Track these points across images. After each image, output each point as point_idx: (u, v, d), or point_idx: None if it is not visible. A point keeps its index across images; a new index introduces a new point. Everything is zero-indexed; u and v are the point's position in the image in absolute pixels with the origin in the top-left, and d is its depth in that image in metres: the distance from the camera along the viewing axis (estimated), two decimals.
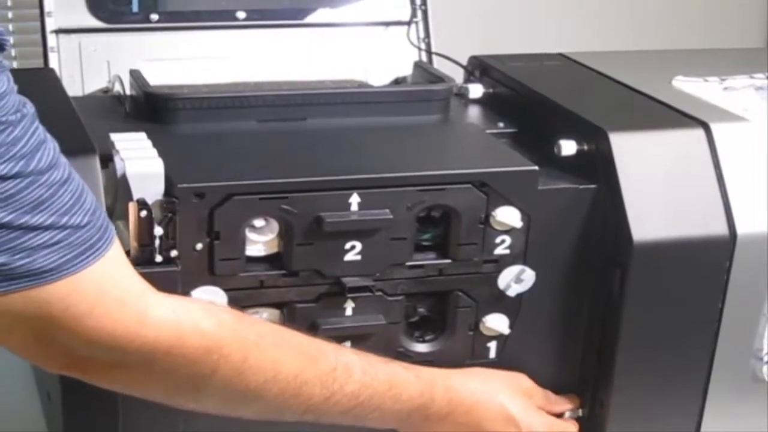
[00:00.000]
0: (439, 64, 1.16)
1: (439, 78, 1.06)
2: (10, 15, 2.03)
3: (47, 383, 0.87)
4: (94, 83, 1.08)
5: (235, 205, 0.79)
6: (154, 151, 0.80)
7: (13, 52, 1.94)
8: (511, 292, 0.87)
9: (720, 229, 0.87)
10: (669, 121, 0.91)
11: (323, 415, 0.78)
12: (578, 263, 0.88)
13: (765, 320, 0.91)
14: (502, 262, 0.87)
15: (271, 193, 0.80)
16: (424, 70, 1.13)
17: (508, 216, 0.84)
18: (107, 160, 0.81)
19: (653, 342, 0.88)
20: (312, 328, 0.84)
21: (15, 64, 1.83)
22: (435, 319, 0.88)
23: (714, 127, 0.89)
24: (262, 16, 1.13)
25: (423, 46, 1.17)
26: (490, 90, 1.05)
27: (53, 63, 1.07)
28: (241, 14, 1.12)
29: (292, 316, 0.84)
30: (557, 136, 0.88)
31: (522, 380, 0.90)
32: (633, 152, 0.87)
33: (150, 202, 0.77)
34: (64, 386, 0.78)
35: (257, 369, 0.74)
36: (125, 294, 0.69)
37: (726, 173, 0.88)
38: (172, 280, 0.79)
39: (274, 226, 0.81)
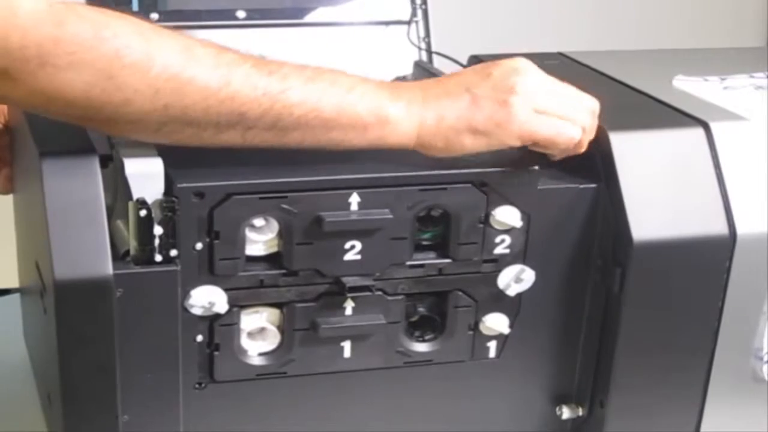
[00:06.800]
0: (440, 64, 1.16)
1: None
2: None
3: (48, 385, 0.87)
4: None
5: (234, 205, 0.79)
6: (154, 151, 0.80)
7: None
8: (511, 292, 0.88)
9: (720, 228, 0.87)
10: (669, 120, 0.91)
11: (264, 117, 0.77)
12: (578, 263, 0.88)
13: (765, 320, 0.91)
14: (502, 262, 0.87)
15: (271, 192, 0.80)
16: (424, 70, 1.13)
17: (508, 216, 0.84)
18: (107, 160, 0.81)
19: (653, 342, 0.88)
20: (312, 327, 0.84)
21: None
22: (435, 318, 0.88)
23: (714, 126, 0.89)
24: (262, 16, 1.13)
25: (423, 45, 1.17)
26: None
27: None
28: (241, 13, 1.12)
29: (292, 316, 0.84)
30: None
31: None
32: (633, 152, 0.87)
33: (150, 201, 0.77)
34: (64, 387, 0.78)
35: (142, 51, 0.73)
36: None
37: (726, 173, 0.88)
38: (172, 280, 0.79)
39: (274, 225, 0.81)
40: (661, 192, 0.86)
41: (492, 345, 0.90)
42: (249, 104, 0.76)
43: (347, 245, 0.82)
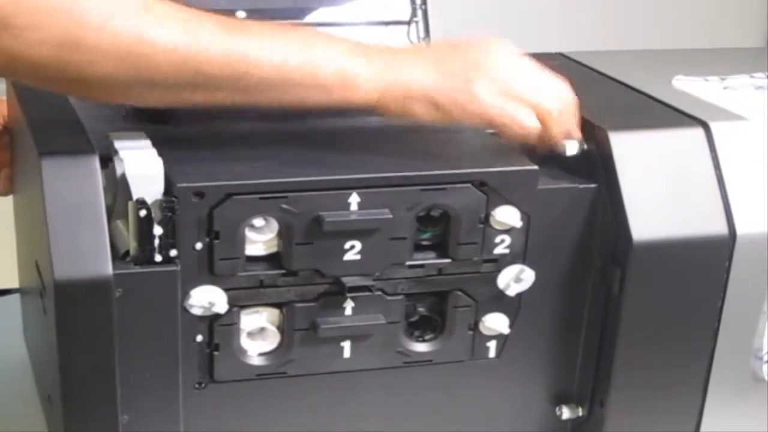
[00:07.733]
0: None
1: None
2: None
3: (48, 385, 0.87)
4: None
5: (234, 205, 0.79)
6: (154, 151, 0.80)
7: None
8: (511, 292, 0.88)
9: (720, 228, 0.87)
10: (669, 120, 0.91)
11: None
12: (578, 263, 0.89)
13: (765, 320, 0.91)
14: (502, 262, 0.87)
15: (271, 192, 0.80)
16: None
17: (508, 215, 0.84)
18: (107, 160, 0.81)
19: (653, 342, 0.89)
20: (312, 327, 0.84)
21: None
22: (435, 318, 0.88)
23: (714, 126, 0.89)
24: (263, 16, 1.13)
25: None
26: None
27: None
28: (241, 14, 1.12)
29: (292, 316, 0.84)
30: None
31: None
32: (633, 152, 0.87)
33: (149, 201, 0.77)
34: (64, 387, 0.78)
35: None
36: None
37: (726, 173, 0.88)
38: (172, 280, 0.79)
39: (274, 225, 0.81)
40: (661, 192, 0.86)
41: (492, 345, 0.90)
42: (211, 65, 0.77)
43: (347, 245, 0.82)
